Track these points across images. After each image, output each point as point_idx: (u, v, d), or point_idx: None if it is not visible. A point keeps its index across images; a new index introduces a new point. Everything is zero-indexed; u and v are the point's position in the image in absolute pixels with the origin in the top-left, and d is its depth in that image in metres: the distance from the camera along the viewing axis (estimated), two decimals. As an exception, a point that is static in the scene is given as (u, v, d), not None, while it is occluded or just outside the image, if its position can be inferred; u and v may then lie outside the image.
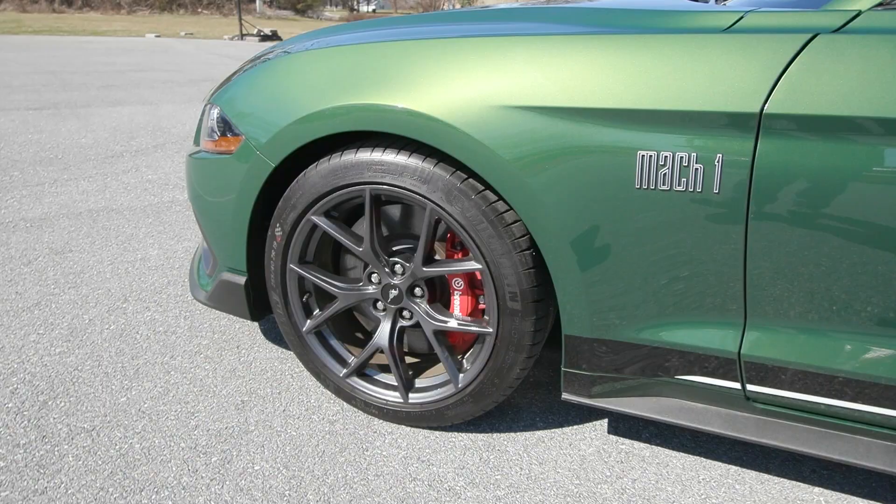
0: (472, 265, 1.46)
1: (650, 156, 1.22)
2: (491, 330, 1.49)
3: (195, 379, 1.88)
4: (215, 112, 1.74)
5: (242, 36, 18.88)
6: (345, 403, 1.78)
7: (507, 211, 1.40)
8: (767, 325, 1.29)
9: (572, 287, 1.37)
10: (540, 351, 1.55)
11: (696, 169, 1.20)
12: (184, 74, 9.49)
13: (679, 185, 1.22)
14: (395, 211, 1.67)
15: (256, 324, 2.22)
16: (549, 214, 1.32)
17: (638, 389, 1.47)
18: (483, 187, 1.40)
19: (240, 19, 19.23)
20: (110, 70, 9.77)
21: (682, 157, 1.21)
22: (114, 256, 2.74)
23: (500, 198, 1.40)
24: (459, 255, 1.58)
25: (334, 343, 1.74)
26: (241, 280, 1.76)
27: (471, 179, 1.41)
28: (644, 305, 1.34)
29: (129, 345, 2.06)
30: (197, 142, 1.87)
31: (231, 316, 2.23)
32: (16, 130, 5.12)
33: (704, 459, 1.60)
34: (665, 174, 1.22)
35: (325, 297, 1.73)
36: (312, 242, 1.65)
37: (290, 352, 2.04)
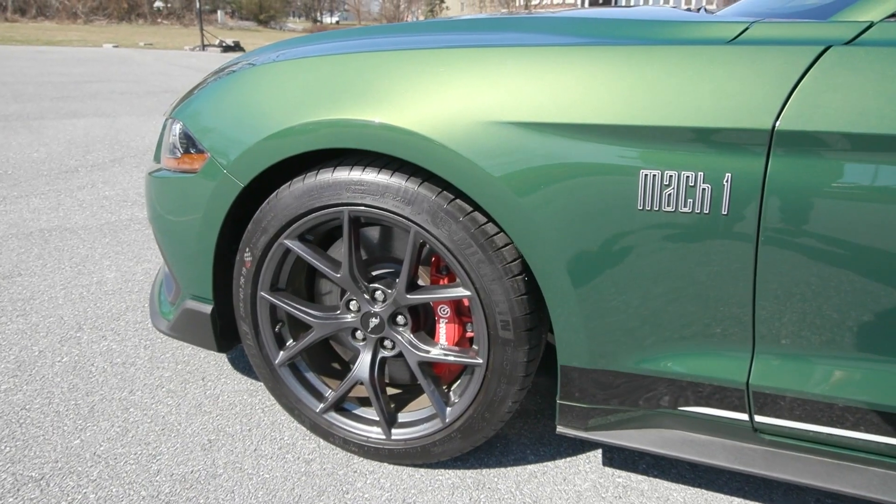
0: (461, 292, 1.35)
1: (654, 175, 1.14)
2: (481, 361, 1.39)
3: (157, 416, 1.73)
4: (178, 127, 1.61)
5: (204, 46, 18.53)
6: (322, 440, 1.65)
7: (497, 234, 1.30)
8: (777, 353, 1.21)
9: (569, 315, 1.28)
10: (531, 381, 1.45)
11: (704, 189, 1.12)
12: (143, 86, 9.21)
13: (685, 206, 1.14)
14: (374, 233, 1.56)
15: (223, 354, 2.07)
16: (544, 237, 1.23)
17: (637, 421, 1.38)
18: (471, 208, 1.31)
19: (201, 29, 18.88)
20: (66, 81, 9.43)
21: (688, 177, 1.12)
22: (67, 280, 2.56)
23: (491, 220, 1.31)
24: (445, 281, 1.48)
25: (310, 376, 1.61)
26: (207, 309, 1.63)
27: (458, 200, 1.31)
28: (647, 334, 1.26)
29: (83, 379, 1.89)
30: (157, 158, 1.73)
31: (196, 347, 2.08)
32: (-38, 144, 4.85)
33: (706, 492, 1.52)
34: (670, 194, 1.14)
35: (299, 327, 1.60)
36: (285, 268, 1.53)
37: (260, 383, 1.90)
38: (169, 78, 10.62)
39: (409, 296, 1.41)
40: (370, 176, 1.34)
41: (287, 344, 1.59)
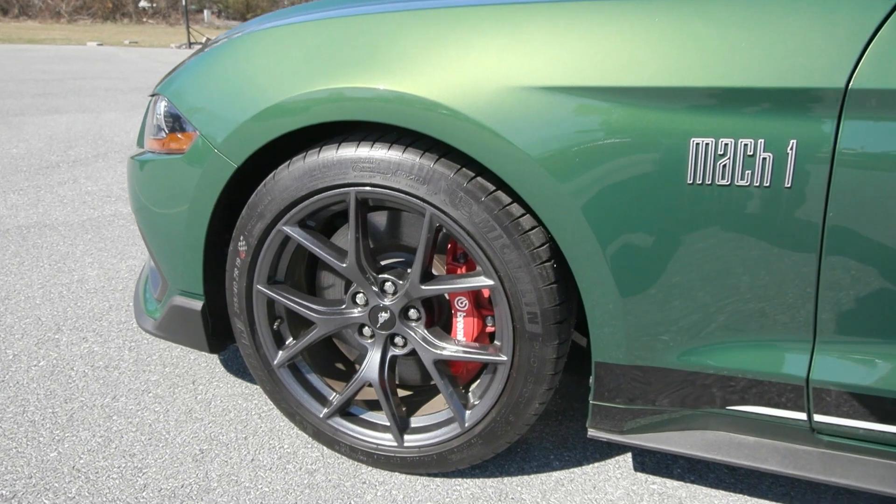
0: (482, 281, 1.21)
1: (706, 144, 1.00)
2: (505, 358, 1.25)
3: (143, 424, 1.58)
4: (162, 105, 1.46)
5: (190, 44, 18.28)
6: (326, 448, 1.51)
7: (523, 216, 1.16)
8: (842, 345, 1.08)
9: (606, 305, 1.14)
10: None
11: (764, 159, 0.99)
12: (128, 82, 9.00)
13: (741, 178, 1.00)
14: (382, 219, 1.41)
15: (215, 354, 1.92)
16: (578, 218, 1.09)
17: (679, 423, 1.24)
18: (494, 187, 1.16)
19: (187, 27, 18.62)
20: (48, 78, 9.20)
21: (746, 145, 0.99)
22: (45, 279, 2.39)
23: (516, 200, 1.16)
24: (463, 270, 1.33)
25: (312, 378, 1.46)
26: (197, 305, 1.47)
27: (480, 178, 1.16)
28: (694, 325, 1.12)
29: (61, 385, 1.73)
30: (141, 143, 1.58)
31: (185, 348, 1.92)
32: (-63, 141, 4.65)
33: (749, 498, 1.39)
34: (724, 166, 1.00)
35: (299, 324, 1.45)
36: (283, 259, 1.38)
37: (256, 387, 1.75)
38: (155, 74, 10.39)
39: (423, 287, 1.26)
40: (380, 152, 1.19)
41: (286, 343, 1.44)
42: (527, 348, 1.22)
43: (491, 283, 1.20)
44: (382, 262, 1.40)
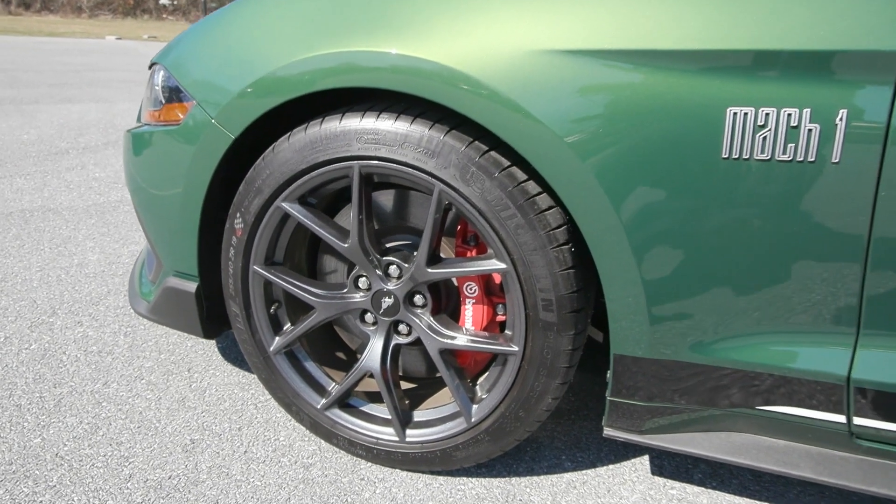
0: (493, 264, 1.12)
1: (745, 114, 0.90)
2: (516, 348, 1.15)
3: (133, 412, 1.50)
4: (161, 75, 1.38)
5: (208, 40, 18.31)
6: (323, 442, 1.42)
7: (539, 194, 1.07)
8: (889, 340, 0.98)
9: (629, 293, 1.04)
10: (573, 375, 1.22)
11: (809, 130, 0.89)
12: (144, 75, 9.00)
13: (783, 152, 0.91)
14: (387, 198, 1.33)
15: (213, 342, 1.84)
16: (600, 197, 0.99)
17: (702, 423, 1.14)
18: (509, 162, 1.07)
19: (205, 23, 18.70)
20: (65, 69, 9.23)
21: (789, 115, 0.89)
22: (45, 262, 2.33)
23: (533, 177, 1.07)
24: (474, 253, 1.24)
25: (310, 366, 1.38)
26: (192, 287, 1.39)
27: (493, 152, 1.08)
28: (725, 316, 1.02)
29: (51, 369, 1.66)
30: (140, 118, 1.50)
31: (182, 333, 1.85)
32: (-51, 126, 4.63)
33: (777, 508, 1.28)
34: (765, 138, 0.90)
35: (298, 308, 1.37)
36: (283, 237, 1.30)
37: (253, 376, 1.67)
38: (170, 68, 10.39)
39: (429, 269, 1.17)
40: (386, 123, 1.11)
41: (284, 328, 1.36)
42: (540, 338, 1.12)
43: (503, 266, 1.11)
44: (388, 245, 1.31)
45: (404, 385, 1.44)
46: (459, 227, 1.25)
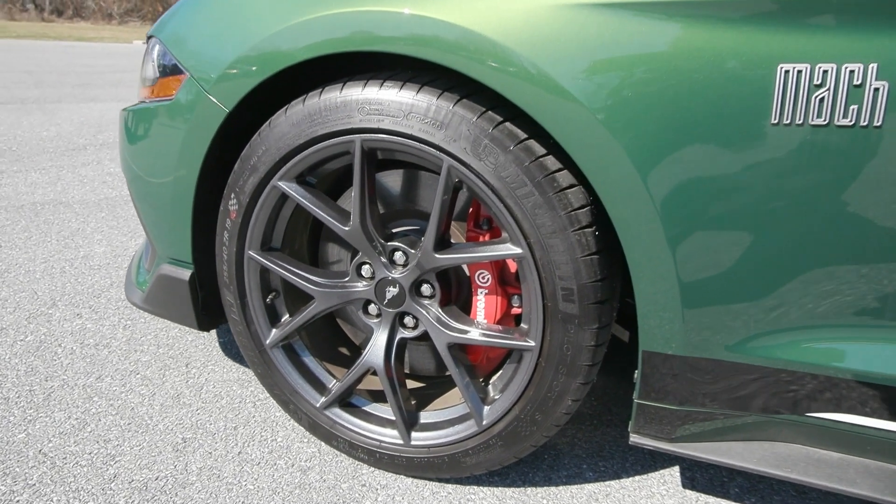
0: (508, 249, 1.01)
1: (798, 71, 0.78)
2: (532, 343, 1.04)
3: (124, 408, 1.41)
4: (156, 48, 1.30)
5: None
6: (323, 444, 1.32)
7: (560, 170, 0.96)
8: (965, 338, 0.85)
9: (662, 282, 0.92)
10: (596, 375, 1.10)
11: (876, 90, 0.76)
12: (167, 76, 9.06)
13: (844, 115, 0.78)
14: (394, 180, 1.22)
15: (214, 335, 1.75)
16: (629, 172, 0.88)
17: (742, 431, 1.02)
18: (526, 135, 0.96)
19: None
20: (90, 71, 9.33)
21: (851, 73, 0.77)
22: (50, 254, 2.27)
23: (553, 151, 0.96)
24: (486, 238, 1.13)
25: (309, 361, 1.28)
26: (185, 274, 1.30)
27: (508, 124, 0.97)
28: (773, 309, 0.90)
29: (45, 361, 1.58)
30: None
31: (182, 326, 1.76)
32: (-29, 123, 4.65)
33: (825, 528, 1.15)
34: (822, 99, 0.78)
35: (297, 299, 1.27)
36: (280, 221, 1.20)
37: (254, 372, 1.57)
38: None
39: (437, 255, 1.06)
40: (390, 93, 1.00)
41: (282, 320, 1.26)
42: (559, 332, 1.01)
43: (518, 251, 1.00)
44: (393, 230, 1.21)
45: (411, 384, 1.34)
46: (471, 209, 1.14)
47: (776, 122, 0.80)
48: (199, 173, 1.19)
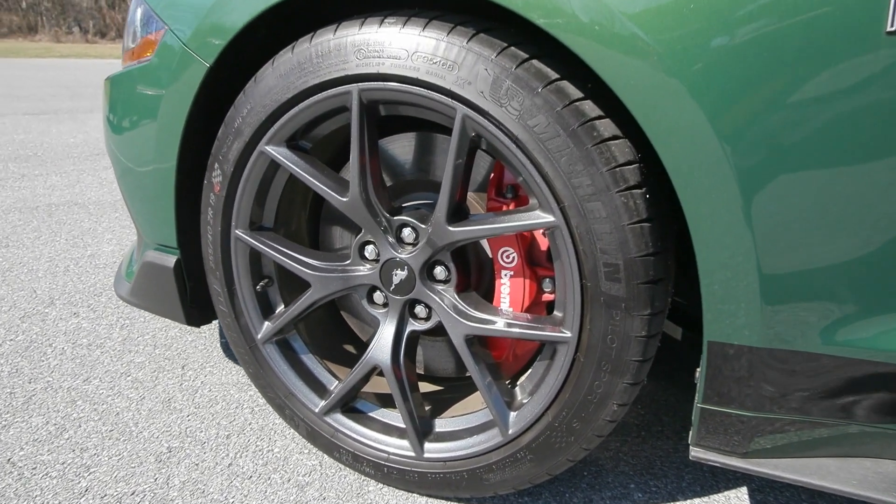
0: (537, 218, 0.82)
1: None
2: (568, 334, 0.85)
3: (108, 413, 1.26)
4: (139, 10, 1.15)
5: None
6: (324, 455, 1.14)
7: (600, 118, 0.77)
8: None
9: (736, 255, 0.73)
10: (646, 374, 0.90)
11: None
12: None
13: None
14: (402, 146, 1.05)
15: (216, 335, 1.60)
16: (692, 109, 0.69)
17: (835, 445, 0.81)
18: (557, 75, 0.78)
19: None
20: (126, 85, 9.45)
21: None
22: (56, 252, 2.16)
23: (590, 95, 0.78)
24: (511, 207, 0.95)
25: (308, 360, 1.10)
26: (170, 261, 1.15)
27: (536, 61, 0.78)
28: (881, 286, 0.69)
29: (31, 362, 1.45)
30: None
31: (182, 325, 1.60)
32: (2, 131, 4.66)
33: (939, 568, 0.92)
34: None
35: (294, 286, 1.10)
36: (272, 195, 1.03)
37: (255, 374, 1.41)
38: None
39: (451, 228, 0.88)
40: (391, 31, 0.83)
41: (276, 311, 1.09)
42: (602, 320, 0.81)
43: (550, 219, 0.81)
44: (403, 205, 1.03)
45: (425, 387, 1.15)
46: (493, 175, 0.96)
47: (892, 28, 0.60)
48: (182, 142, 1.04)
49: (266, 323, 1.07)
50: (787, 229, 0.70)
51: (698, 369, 0.84)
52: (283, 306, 1.09)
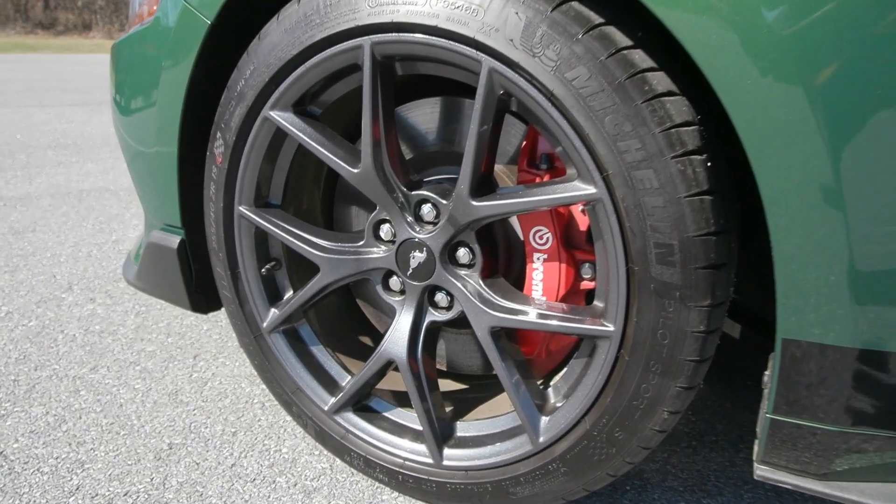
0: (575, 190, 0.70)
1: None
2: (611, 328, 0.72)
3: (112, 405, 1.19)
4: (146, -28, 1.07)
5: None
6: (336, 458, 1.04)
7: (652, 70, 0.64)
8: None
9: (823, 235, 0.59)
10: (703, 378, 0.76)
11: None
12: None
13: None
14: (425, 113, 0.94)
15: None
16: (777, 53, 0.55)
17: (939, 469, 0.66)
18: (602, 19, 0.65)
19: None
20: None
21: None
22: (81, 238, 2.12)
23: (642, 43, 0.65)
24: (546, 178, 0.82)
25: (318, 352, 1.00)
26: (174, 241, 1.06)
27: (575, 2, 0.66)
28: None
29: (40, 348, 1.39)
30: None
31: (199, 315, 1.52)
32: (46, 121, 4.73)
33: None
34: None
35: (304, 271, 1.00)
36: (279, 168, 0.93)
37: (269, 367, 1.32)
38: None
39: (476, 203, 0.76)
40: (409, -28, 0.72)
41: (284, 297, 0.99)
42: (651, 312, 0.69)
43: (591, 191, 0.68)
44: (425, 180, 0.92)
45: (448, 385, 1.04)
46: (525, 143, 0.83)
47: None
48: (185, 108, 0.94)
49: (272, 310, 0.97)
50: (892, 206, 0.56)
51: (766, 373, 0.70)
52: (291, 292, 0.99)
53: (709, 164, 0.65)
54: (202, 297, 1.10)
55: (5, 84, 7.43)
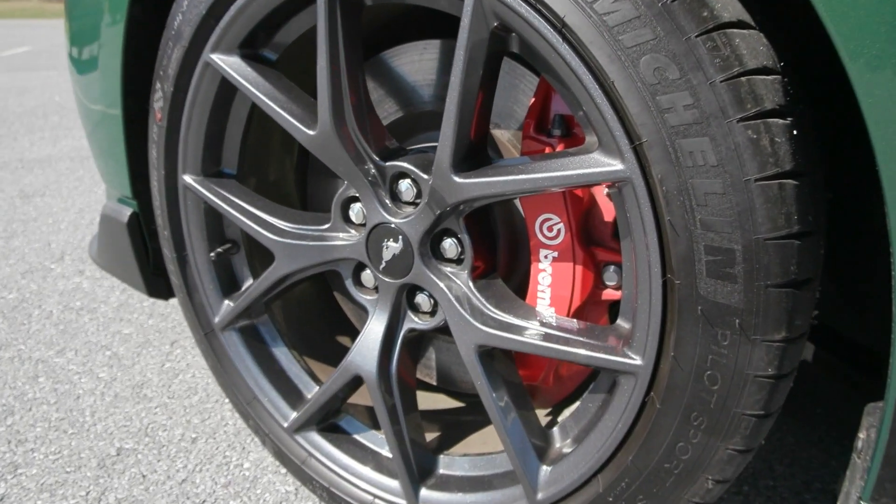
0: (596, 165, 0.49)
1: None
2: (638, 361, 0.51)
3: (68, 395, 1.05)
4: None
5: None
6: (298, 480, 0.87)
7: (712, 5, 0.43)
8: None
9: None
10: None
11: None
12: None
13: None
14: (413, 61, 0.74)
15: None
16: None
17: None
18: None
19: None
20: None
21: None
22: (88, 204, 2.01)
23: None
24: (560, 149, 0.61)
25: (281, 355, 0.82)
26: (125, 214, 0.90)
27: None
28: None
29: (12, 325, 1.27)
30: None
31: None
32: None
33: None
34: None
35: (266, 256, 0.82)
36: (231, 127, 0.75)
37: (250, 359, 1.16)
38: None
39: (458, 178, 0.56)
40: None
41: (243, 287, 0.82)
42: (696, 343, 0.48)
43: (616, 167, 0.48)
44: (405, 145, 0.72)
45: (439, 402, 0.85)
46: (533, 101, 0.62)
47: None
48: (126, 55, 0.77)
49: (226, 302, 0.80)
50: None
51: (860, 434, 0.49)
52: (251, 281, 0.81)
53: (794, 132, 0.44)
54: (162, 281, 0.94)
55: (57, 48, 7.51)
